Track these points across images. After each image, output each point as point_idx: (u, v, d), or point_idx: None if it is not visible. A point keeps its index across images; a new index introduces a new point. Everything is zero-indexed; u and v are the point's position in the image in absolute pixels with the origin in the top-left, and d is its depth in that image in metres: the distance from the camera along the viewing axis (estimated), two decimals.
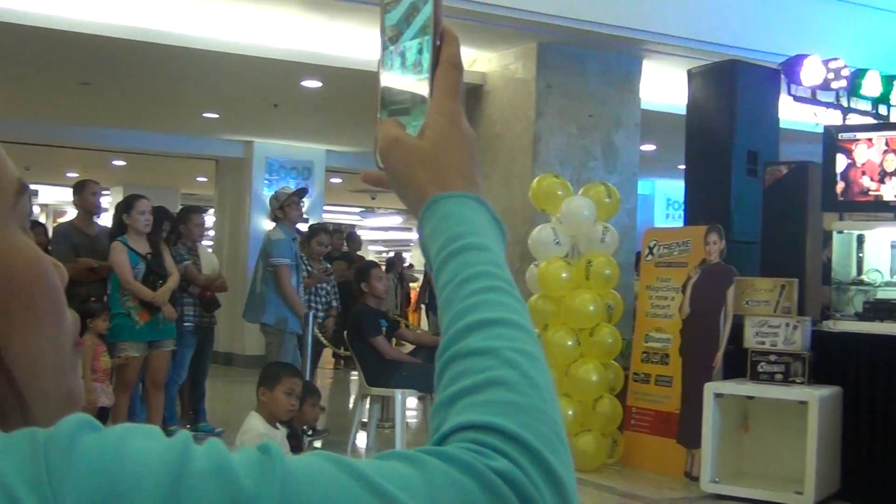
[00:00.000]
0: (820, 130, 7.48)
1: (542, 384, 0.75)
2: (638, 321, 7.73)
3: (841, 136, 7.23)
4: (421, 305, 19.73)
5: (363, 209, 25.17)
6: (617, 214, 7.83)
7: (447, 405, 0.75)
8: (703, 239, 7.31)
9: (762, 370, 6.64)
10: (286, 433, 5.12)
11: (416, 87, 0.92)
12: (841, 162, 7.13)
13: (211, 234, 15.79)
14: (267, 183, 14.54)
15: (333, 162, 15.18)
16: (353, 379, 12.51)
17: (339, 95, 10.21)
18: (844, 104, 8.70)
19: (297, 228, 8.14)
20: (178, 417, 8.38)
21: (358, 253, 14.11)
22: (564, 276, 7.27)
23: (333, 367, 14.51)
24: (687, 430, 7.07)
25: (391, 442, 7.75)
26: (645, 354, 7.57)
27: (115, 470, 0.61)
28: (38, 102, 12.06)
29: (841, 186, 7.14)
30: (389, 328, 7.87)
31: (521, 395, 0.73)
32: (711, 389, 6.63)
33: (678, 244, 7.53)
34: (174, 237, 8.28)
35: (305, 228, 9.62)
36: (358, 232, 17.36)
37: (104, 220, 9.63)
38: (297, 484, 0.63)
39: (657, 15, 8.42)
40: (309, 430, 6.59)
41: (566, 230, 7.42)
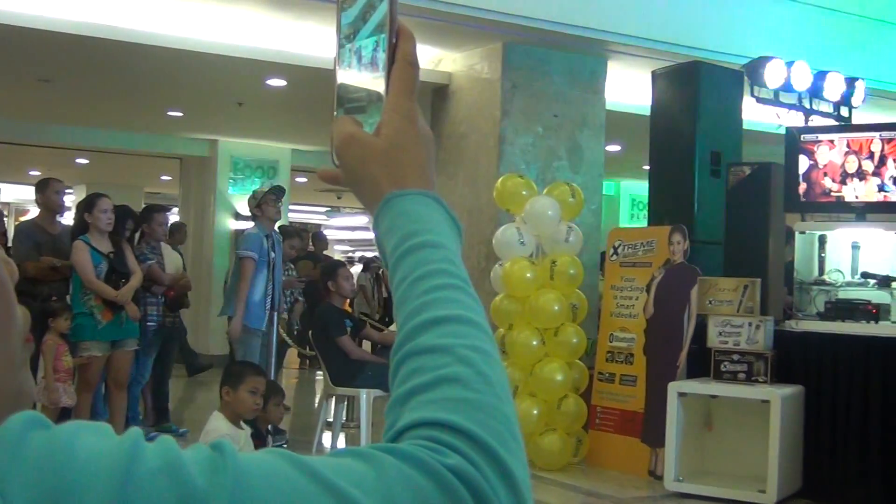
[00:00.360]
0: (782, 132, 7.54)
1: (495, 381, 0.76)
2: (602, 321, 7.76)
3: (803, 137, 7.29)
4: None
5: (329, 208, 25.09)
6: (581, 214, 7.87)
7: (401, 402, 0.75)
8: (667, 239, 7.35)
9: (725, 369, 6.68)
10: (250, 433, 5.10)
11: (372, 84, 0.92)
12: (803, 163, 7.19)
13: None
14: (232, 182, 14.48)
15: (299, 161, 15.13)
16: (318, 379, 12.47)
17: (304, 94, 10.18)
18: (807, 106, 8.77)
19: (275, 230, 8.08)
20: (141, 418, 8.33)
21: (325, 253, 14.05)
22: (529, 275, 7.28)
23: (299, 367, 14.46)
24: (651, 429, 7.11)
25: (356, 442, 7.73)
26: (609, 354, 7.60)
27: (64, 468, 0.60)
28: None
29: (803, 187, 7.20)
30: (354, 328, 7.85)
31: (474, 391, 0.74)
32: (675, 389, 6.66)
33: (642, 244, 7.56)
34: (138, 236, 8.23)
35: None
36: (324, 231, 17.29)
37: (67, 218, 9.54)
38: (249, 481, 0.63)
39: (622, 16, 8.46)
40: (272, 430, 6.56)
41: (531, 230, 7.44)
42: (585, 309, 7.54)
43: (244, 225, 11.78)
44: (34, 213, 8.92)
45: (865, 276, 6.98)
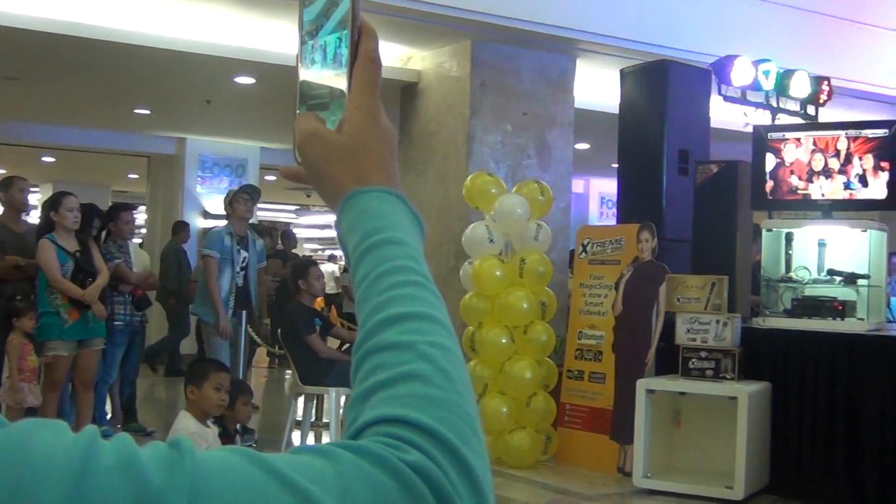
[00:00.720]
0: (749, 130, 7.59)
1: (457, 378, 0.76)
2: (571, 318, 7.78)
3: (770, 135, 7.34)
4: None
5: (298, 207, 25.03)
6: (550, 212, 7.88)
7: (362, 399, 0.75)
8: (635, 237, 7.38)
9: (693, 366, 6.72)
10: (218, 432, 5.08)
11: (334, 81, 0.92)
12: (770, 161, 7.23)
13: (143, 231, 15.62)
14: (199, 180, 14.40)
15: (268, 159, 15.07)
16: (287, 378, 12.44)
17: (272, 92, 10.14)
18: (774, 104, 8.84)
19: (248, 230, 8.04)
20: (108, 417, 8.28)
21: (293, 251, 14.00)
22: (498, 273, 7.29)
23: (268, 365, 14.42)
24: (620, 425, 7.14)
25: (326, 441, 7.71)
26: (578, 351, 7.62)
27: (18, 465, 0.59)
28: None
29: (770, 185, 7.24)
30: (324, 327, 7.84)
31: (436, 388, 0.73)
32: (643, 386, 6.69)
33: (611, 242, 7.59)
34: (105, 235, 8.17)
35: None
36: (293, 230, 17.23)
37: (33, 217, 9.47)
38: (207, 478, 0.63)
39: (590, 15, 8.49)
40: (241, 429, 6.53)
41: (500, 228, 7.45)
42: (554, 306, 7.55)
43: (213, 223, 11.72)
44: None
45: (832, 273, 7.03)
